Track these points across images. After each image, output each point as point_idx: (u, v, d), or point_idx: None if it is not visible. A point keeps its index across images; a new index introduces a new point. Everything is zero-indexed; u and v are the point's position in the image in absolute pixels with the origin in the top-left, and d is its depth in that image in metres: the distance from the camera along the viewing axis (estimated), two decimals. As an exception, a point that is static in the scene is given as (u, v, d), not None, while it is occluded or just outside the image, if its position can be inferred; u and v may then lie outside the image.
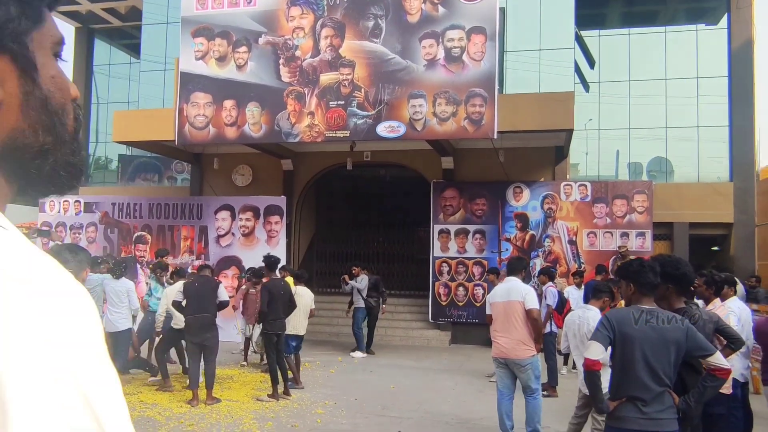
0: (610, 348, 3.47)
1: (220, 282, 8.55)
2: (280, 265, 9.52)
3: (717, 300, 5.22)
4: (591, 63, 15.23)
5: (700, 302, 4.90)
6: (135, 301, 8.22)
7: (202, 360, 7.83)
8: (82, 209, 14.76)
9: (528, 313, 6.04)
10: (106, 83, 19.05)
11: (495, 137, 10.75)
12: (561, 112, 10.90)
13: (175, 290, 8.27)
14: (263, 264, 8.83)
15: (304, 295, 9.36)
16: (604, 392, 3.56)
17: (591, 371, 3.42)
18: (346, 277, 11.97)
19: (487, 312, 6.41)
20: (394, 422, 7.06)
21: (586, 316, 5.34)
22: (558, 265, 12.43)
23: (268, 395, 7.98)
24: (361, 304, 11.80)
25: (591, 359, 3.41)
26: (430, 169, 14.16)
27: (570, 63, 13.34)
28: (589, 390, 3.57)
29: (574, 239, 12.80)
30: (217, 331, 8.02)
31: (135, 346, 8.70)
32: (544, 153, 13.60)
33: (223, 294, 8.12)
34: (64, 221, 14.78)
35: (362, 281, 11.81)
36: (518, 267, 6.40)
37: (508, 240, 13.08)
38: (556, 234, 12.90)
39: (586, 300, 8.64)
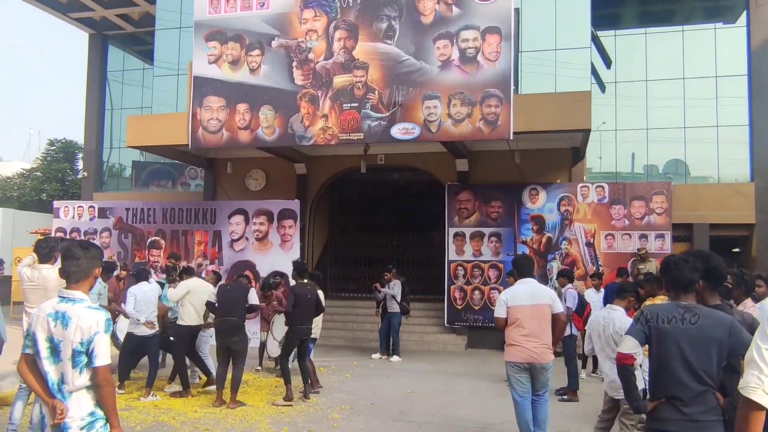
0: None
1: (251, 287, 8.49)
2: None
3: (748, 300, 5.02)
4: (607, 63, 15.03)
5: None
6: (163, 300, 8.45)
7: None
8: (96, 215, 14.75)
9: (556, 317, 5.89)
10: (119, 90, 19.09)
11: (511, 138, 10.60)
12: (578, 112, 10.73)
13: (178, 291, 8.28)
14: (293, 269, 8.72)
15: (322, 299, 9.35)
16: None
17: (624, 366, 3.26)
18: (378, 285, 11.84)
19: (500, 315, 5.96)
20: (412, 427, 6.91)
21: (611, 316, 5.18)
22: (575, 268, 12.23)
23: (284, 399, 7.87)
24: (397, 309, 11.68)
25: (624, 353, 3.26)
26: (444, 171, 14.03)
27: (586, 63, 13.18)
28: (623, 386, 3.39)
29: (591, 241, 12.60)
30: (245, 336, 7.99)
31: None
32: (561, 154, 13.43)
33: (254, 298, 8.13)
34: (79, 227, 14.78)
35: (395, 287, 11.72)
36: (531, 266, 6.23)
37: (524, 242, 12.89)
38: (573, 236, 12.71)
39: (607, 303, 8.48)
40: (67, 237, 14.59)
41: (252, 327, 11.59)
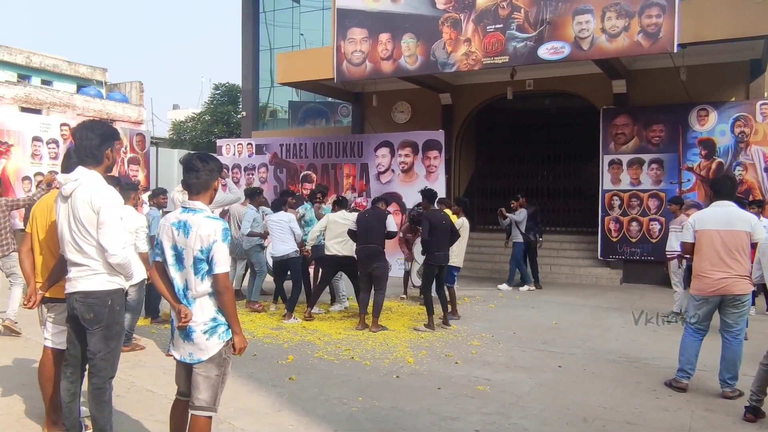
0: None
1: (389, 213, 8.52)
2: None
3: None
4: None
5: None
6: (297, 227, 8.60)
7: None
8: (254, 151, 15.57)
9: (757, 246, 5.29)
10: (272, 31, 19.68)
11: (675, 51, 9.49)
12: (758, 14, 9.30)
13: (335, 217, 8.47)
14: (422, 196, 8.63)
15: (466, 227, 9.22)
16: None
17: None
18: (503, 210, 11.64)
19: (687, 239, 5.48)
20: (554, 357, 6.63)
21: (786, 238, 4.49)
22: (752, 196, 10.90)
23: (425, 325, 7.91)
24: (520, 238, 11.46)
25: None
26: (599, 95, 13.01)
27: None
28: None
29: (772, 166, 11.15)
30: (384, 261, 8.09)
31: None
32: (736, 69, 11.86)
33: (392, 225, 8.17)
34: (239, 163, 15.70)
35: (520, 214, 11.49)
36: (731, 188, 5.50)
37: (690, 169, 11.71)
38: (750, 161, 11.31)
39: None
40: (230, 173, 15.65)
41: (397, 256, 11.82)
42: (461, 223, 9.10)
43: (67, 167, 3.96)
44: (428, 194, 8.48)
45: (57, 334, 4.05)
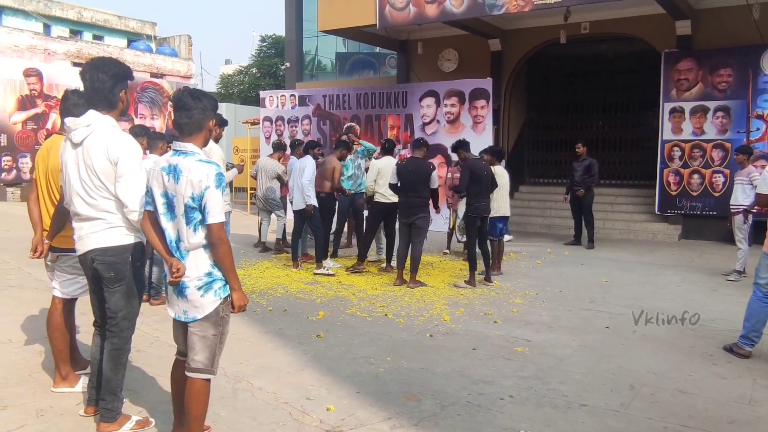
0: None
1: (434, 167, 8.02)
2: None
3: None
4: None
5: None
6: (308, 174, 8.21)
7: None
8: (297, 103, 15.24)
9: None
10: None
11: (748, -16, 8.60)
12: None
13: (380, 164, 8.32)
14: (457, 146, 8.17)
15: (503, 175, 8.71)
16: None
17: None
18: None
19: (764, 191, 4.96)
20: (601, 317, 6.18)
21: None
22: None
23: (466, 282, 7.55)
24: None
25: None
26: (661, 37, 12.06)
27: None
28: None
29: None
30: (428, 213, 7.73)
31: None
32: (817, 4, 10.76)
33: (435, 182, 7.73)
34: (282, 115, 15.42)
35: None
36: None
37: (760, 117, 10.78)
38: (828, 107, 10.33)
39: None
40: (273, 126, 15.42)
41: (444, 212, 11.41)
42: (497, 171, 8.56)
43: (66, 110, 3.68)
44: (461, 142, 8.10)
45: (64, 282, 3.87)
